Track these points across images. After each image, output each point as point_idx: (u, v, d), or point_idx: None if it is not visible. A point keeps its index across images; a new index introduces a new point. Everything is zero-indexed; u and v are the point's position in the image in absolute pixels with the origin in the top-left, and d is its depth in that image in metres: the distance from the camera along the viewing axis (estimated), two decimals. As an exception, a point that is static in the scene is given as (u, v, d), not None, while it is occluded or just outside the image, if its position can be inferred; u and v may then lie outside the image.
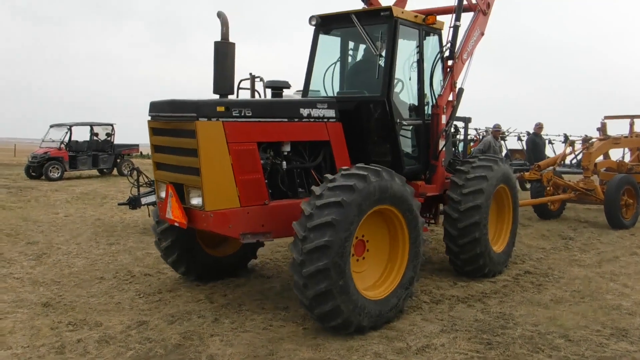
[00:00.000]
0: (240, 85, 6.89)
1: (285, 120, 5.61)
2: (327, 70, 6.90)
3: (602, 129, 12.55)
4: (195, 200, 5.11)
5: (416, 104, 6.69)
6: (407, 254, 5.34)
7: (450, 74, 6.96)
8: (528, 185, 13.43)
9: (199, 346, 4.62)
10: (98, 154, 21.48)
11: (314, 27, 6.86)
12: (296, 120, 5.70)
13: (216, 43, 5.16)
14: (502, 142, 18.45)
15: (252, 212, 5.18)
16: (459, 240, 6.51)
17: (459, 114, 13.96)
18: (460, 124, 14.54)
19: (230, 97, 5.33)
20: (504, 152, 18.39)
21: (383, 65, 6.17)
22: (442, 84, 6.92)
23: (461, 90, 7.04)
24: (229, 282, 6.51)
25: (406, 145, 6.68)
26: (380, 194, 4.90)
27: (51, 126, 21.54)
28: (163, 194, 5.46)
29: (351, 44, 7.08)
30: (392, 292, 5.19)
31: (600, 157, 12.02)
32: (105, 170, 22.21)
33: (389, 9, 6.17)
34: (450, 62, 6.98)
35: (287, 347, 4.60)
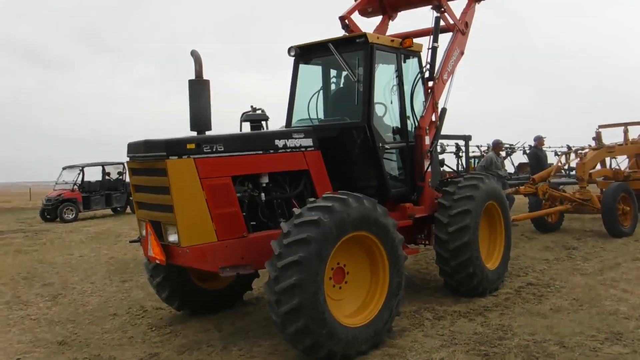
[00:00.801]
0: (242, 119, 7.08)
1: (260, 152, 5.71)
2: (310, 99, 7.05)
3: (597, 137, 12.69)
4: (172, 237, 5.18)
5: (399, 126, 6.80)
6: (387, 286, 5.30)
7: (431, 94, 7.13)
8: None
9: (208, 373, 4.83)
10: (111, 193, 21.92)
11: (294, 58, 7.02)
12: (271, 152, 5.80)
13: (190, 81, 5.31)
14: (509, 156, 18.59)
15: (231, 245, 5.25)
16: (450, 262, 6.56)
17: (458, 132, 14.15)
18: (460, 142, 14.81)
19: (209, 133, 5.47)
20: (512, 166, 18.50)
21: (362, 91, 6.31)
22: (424, 105, 7.09)
23: (444, 110, 7.17)
24: (237, 311, 6.72)
25: (391, 168, 6.81)
26: (350, 221, 4.90)
27: (64, 168, 22.08)
28: (144, 232, 5.57)
29: (332, 72, 7.22)
30: (368, 322, 5.12)
31: (598, 166, 12.13)
32: (118, 208, 22.63)
33: (364, 35, 6.33)
34: (430, 83, 7.16)
35: (292, 370, 4.80)
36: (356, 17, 8.13)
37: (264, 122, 6.51)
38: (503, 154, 18.24)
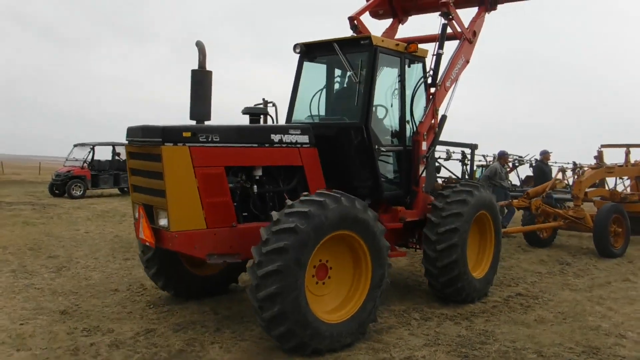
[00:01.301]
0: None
1: (255, 145, 5.81)
2: (313, 97, 7.15)
3: (599, 157, 12.77)
4: (162, 221, 5.31)
5: (398, 130, 6.89)
6: (370, 279, 5.40)
7: (432, 101, 7.17)
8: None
9: (200, 352, 5.07)
10: (119, 174, 22.17)
11: (299, 55, 7.13)
12: (267, 145, 5.89)
13: (193, 71, 5.42)
14: (516, 169, 18.65)
15: (220, 233, 5.39)
16: (437, 263, 6.60)
17: (465, 140, 14.25)
18: (467, 150, 14.96)
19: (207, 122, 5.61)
20: (518, 178, 18.54)
21: (362, 92, 6.38)
22: (425, 111, 7.15)
23: (444, 117, 7.25)
24: (234, 297, 6.96)
25: (387, 170, 6.92)
26: (328, 224, 4.95)
27: (75, 145, 22.37)
28: (137, 215, 5.72)
29: (336, 71, 7.31)
30: (352, 316, 5.27)
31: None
32: (125, 189, 22.89)
33: (368, 37, 6.41)
34: (432, 90, 7.19)
35: (281, 356, 5.02)
36: (367, 19, 8.28)
37: (268, 116, 6.64)
38: (511, 165, 18.36)
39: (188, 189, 5.23)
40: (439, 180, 15.09)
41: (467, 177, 15.21)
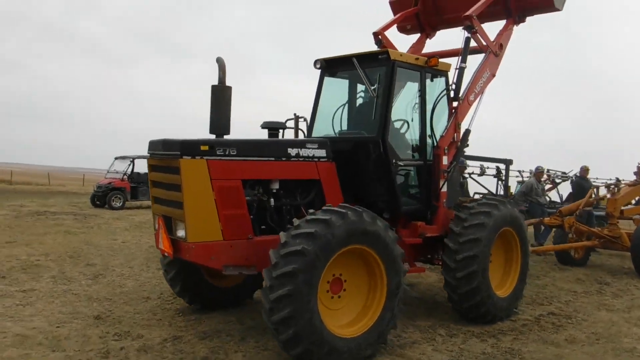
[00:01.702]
0: (286, 125, 7.29)
1: (273, 159, 5.87)
2: (335, 112, 7.18)
3: (638, 173, 12.34)
4: (180, 232, 5.43)
5: (418, 144, 6.83)
6: (386, 288, 5.38)
7: (454, 115, 7.06)
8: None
9: (223, 359, 5.17)
10: (158, 186, 22.67)
11: (319, 70, 7.18)
12: (284, 159, 5.94)
13: (213, 87, 5.54)
14: (557, 186, 18.21)
15: (236, 245, 5.45)
16: (456, 273, 6.45)
17: (500, 155, 14.00)
18: (501, 166, 14.73)
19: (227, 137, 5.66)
20: (558, 195, 18.10)
21: (379, 106, 6.39)
22: (447, 125, 7.04)
23: (467, 131, 7.12)
24: (259, 307, 7.02)
25: (406, 185, 6.89)
26: (336, 241, 4.93)
27: (116, 158, 23.08)
28: (157, 226, 5.84)
29: (357, 87, 7.28)
30: (370, 327, 5.27)
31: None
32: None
33: (386, 52, 6.41)
34: (455, 104, 7.10)
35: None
36: (395, 34, 8.31)
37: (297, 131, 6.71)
38: (550, 181, 17.93)
39: (205, 201, 5.33)
40: (477, 197, 14.98)
41: (501, 193, 14.95)
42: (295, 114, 9.29)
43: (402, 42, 8.44)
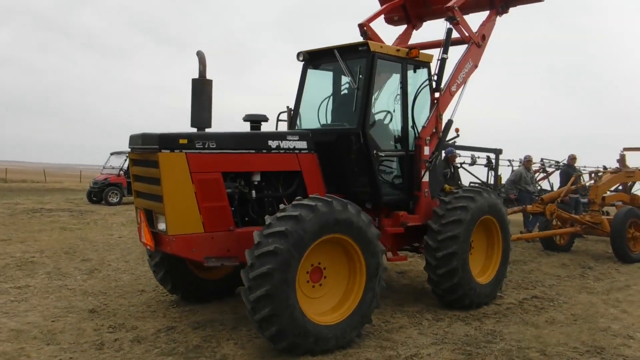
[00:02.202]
0: (279, 118, 7.44)
1: (253, 151, 5.96)
2: (320, 104, 7.25)
3: (621, 160, 12.56)
4: (161, 225, 5.52)
5: (400, 135, 6.93)
6: (365, 271, 5.50)
7: (436, 106, 7.13)
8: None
9: (216, 347, 5.37)
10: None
11: (302, 63, 7.24)
12: (264, 151, 6.03)
13: (193, 80, 5.60)
14: (549, 175, 18.37)
15: (217, 237, 5.55)
16: (437, 270, 6.61)
17: (488, 145, 14.17)
18: (492, 155, 14.95)
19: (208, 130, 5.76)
20: (549, 183, 18.29)
21: (360, 98, 6.47)
22: (429, 115, 7.12)
23: (450, 122, 7.14)
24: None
25: (388, 175, 6.97)
26: (309, 235, 5.03)
27: (112, 153, 23.15)
28: (139, 220, 5.96)
29: (341, 79, 7.32)
30: (353, 310, 5.42)
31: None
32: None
33: (366, 43, 6.47)
34: (437, 95, 7.17)
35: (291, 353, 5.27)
36: (382, 26, 8.37)
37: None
38: (541, 169, 18.10)
39: (185, 194, 5.42)
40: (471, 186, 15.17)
41: (491, 182, 15.17)
42: (287, 107, 9.45)
43: (390, 34, 8.51)
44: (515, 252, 11.50)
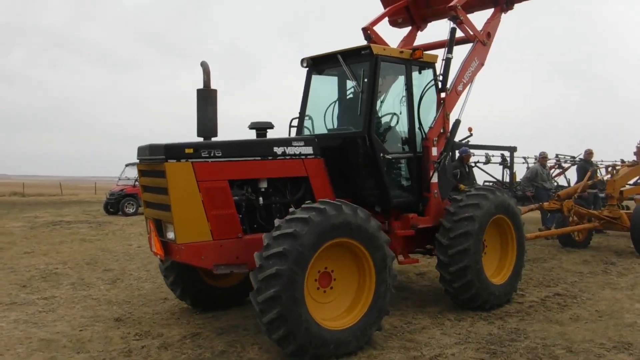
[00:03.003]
0: (292, 124, 7.44)
1: (259, 158, 5.96)
2: (326, 109, 7.25)
3: (638, 153, 12.41)
4: (170, 235, 5.54)
5: (407, 137, 6.87)
6: (374, 287, 5.44)
7: (442, 106, 7.03)
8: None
9: (241, 352, 5.42)
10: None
11: (307, 69, 7.22)
12: (270, 158, 6.02)
13: (199, 90, 5.65)
14: (565, 171, 18.24)
15: (226, 245, 5.56)
16: (449, 268, 6.52)
17: (504, 143, 14.03)
18: (506, 153, 14.88)
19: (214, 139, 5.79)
20: (565, 180, 18.16)
21: (364, 101, 6.45)
22: (435, 116, 7.02)
23: (457, 121, 7.02)
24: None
25: (396, 178, 6.94)
26: (315, 239, 4.99)
27: (126, 165, 23.39)
28: (149, 229, 5.97)
29: (346, 83, 7.26)
30: (363, 316, 5.37)
31: None
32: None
33: (368, 47, 6.44)
34: (443, 95, 7.05)
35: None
36: (386, 29, 8.30)
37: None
38: (557, 166, 17.98)
39: (192, 202, 5.44)
40: (486, 185, 15.10)
41: (508, 180, 15.11)
42: (300, 113, 9.46)
43: (395, 37, 8.47)
44: (535, 250, 11.47)
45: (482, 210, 6.64)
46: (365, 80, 6.53)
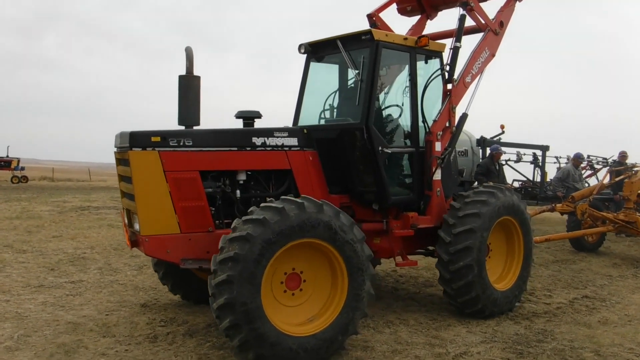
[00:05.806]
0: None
1: (235, 149, 5.65)
2: (326, 98, 6.85)
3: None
4: (136, 225, 5.29)
5: (409, 130, 6.41)
6: (347, 288, 5.03)
7: (448, 98, 6.54)
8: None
9: (265, 342, 5.43)
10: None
11: (305, 56, 6.82)
12: (248, 149, 5.70)
13: (180, 77, 5.41)
14: (596, 172, 17.87)
15: (195, 238, 5.28)
16: (450, 266, 6.11)
17: (537, 142, 13.62)
18: (538, 152, 14.61)
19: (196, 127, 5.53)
20: (597, 181, 17.77)
21: (363, 90, 6.01)
22: (441, 108, 6.55)
23: (464, 115, 6.61)
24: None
25: (395, 173, 6.51)
26: (275, 239, 4.65)
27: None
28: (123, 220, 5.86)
29: (343, 71, 6.87)
30: (326, 327, 4.95)
31: None
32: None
33: (369, 32, 5.98)
34: (449, 86, 6.58)
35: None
36: (395, 17, 7.82)
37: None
38: (589, 167, 17.60)
39: (158, 193, 5.20)
40: (515, 184, 14.87)
41: (538, 180, 14.84)
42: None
43: (403, 25, 7.79)
44: (564, 251, 11.29)
45: (489, 207, 6.23)
46: (365, 67, 6.04)
